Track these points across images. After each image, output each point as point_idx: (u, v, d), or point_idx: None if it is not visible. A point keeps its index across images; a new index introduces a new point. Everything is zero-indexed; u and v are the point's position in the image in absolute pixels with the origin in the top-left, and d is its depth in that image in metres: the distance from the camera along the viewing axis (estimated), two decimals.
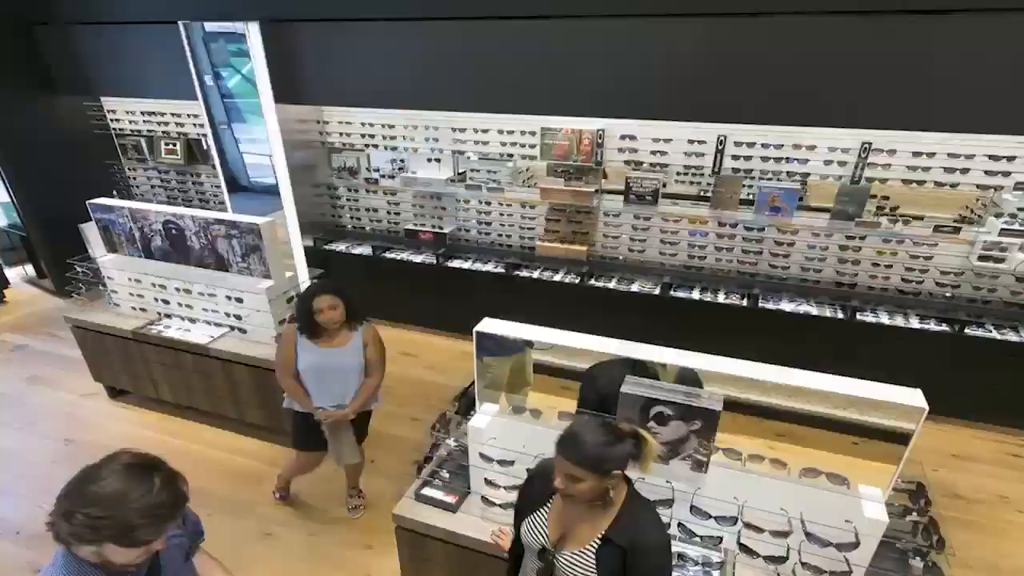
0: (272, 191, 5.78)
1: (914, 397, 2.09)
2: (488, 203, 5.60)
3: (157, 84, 6.08)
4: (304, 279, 4.40)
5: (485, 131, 5.29)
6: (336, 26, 4.99)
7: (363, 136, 5.76)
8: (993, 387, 4.23)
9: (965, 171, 4.14)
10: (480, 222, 5.73)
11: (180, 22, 5.41)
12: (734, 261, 4.96)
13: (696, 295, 4.88)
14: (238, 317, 4.20)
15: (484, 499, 2.62)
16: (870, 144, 4.26)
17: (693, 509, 2.33)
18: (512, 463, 2.55)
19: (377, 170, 5.94)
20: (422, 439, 4.19)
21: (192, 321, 4.41)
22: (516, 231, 5.60)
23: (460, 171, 5.70)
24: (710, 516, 2.32)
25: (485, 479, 2.62)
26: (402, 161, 5.93)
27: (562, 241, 5.32)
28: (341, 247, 6.02)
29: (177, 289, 4.34)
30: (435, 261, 5.60)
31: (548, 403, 2.58)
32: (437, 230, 5.75)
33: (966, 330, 4.27)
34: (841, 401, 2.11)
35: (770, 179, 4.61)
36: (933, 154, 4.17)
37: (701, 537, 2.34)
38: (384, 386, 4.86)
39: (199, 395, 4.44)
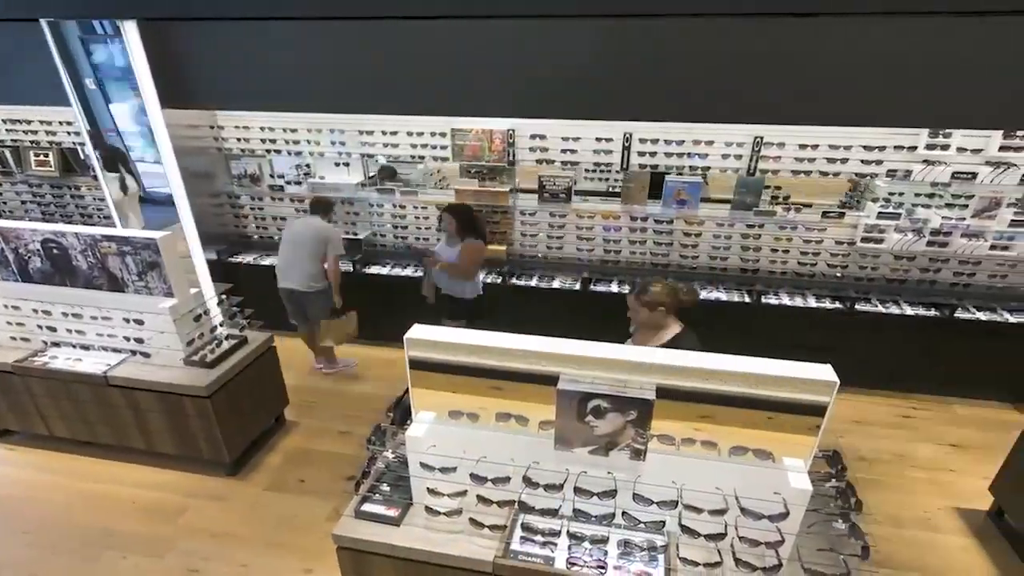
0: (169, 202, 5.37)
1: (826, 372, 2.24)
2: (403, 207, 5.50)
3: (20, 89, 5.49)
4: (211, 295, 4.12)
5: (394, 133, 5.19)
6: (226, 25, 4.70)
7: (263, 141, 5.49)
8: (882, 356, 4.68)
9: (844, 161, 4.54)
10: (396, 226, 5.62)
11: (42, 20, 4.89)
12: (647, 253, 5.17)
13: (615, 288, 5.04)
14: (139, 340, 3.88)
15: (428, 509, 2.57)
16: (762, 138, 4.57)
17: (635, 497, 2.38)
18: (454, 469, 2.52)
19: (282, 176, 5.68)
20: (354, 453, 4.09)
21: (85, 348, 4.02)
22: (433, 234, 5.53)
23: (370, 175, 5.56)
24: (652, 502, 2.38)
25: (428, 488, 2.57)
26: (307, 166, 5.71)
27: None
28: (249, 259, 5.70)
29: (65, 314, 3.94)
30: (351, 268, 5.43)
31: (480, 405, 2.55)
32: (351, 236, 5.57)
33: (856, 306, 4.70)
34: (756, 380, 2.23)
35: (675, 173, 4.83)
36: (816, 146, 4.54)
37: (645, 523, 2.41)
38: (307, 401, 4.74)
39: (100, 428, 4.04)
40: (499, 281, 5.17)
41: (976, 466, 3.95)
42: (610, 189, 5.57)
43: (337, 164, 5.49)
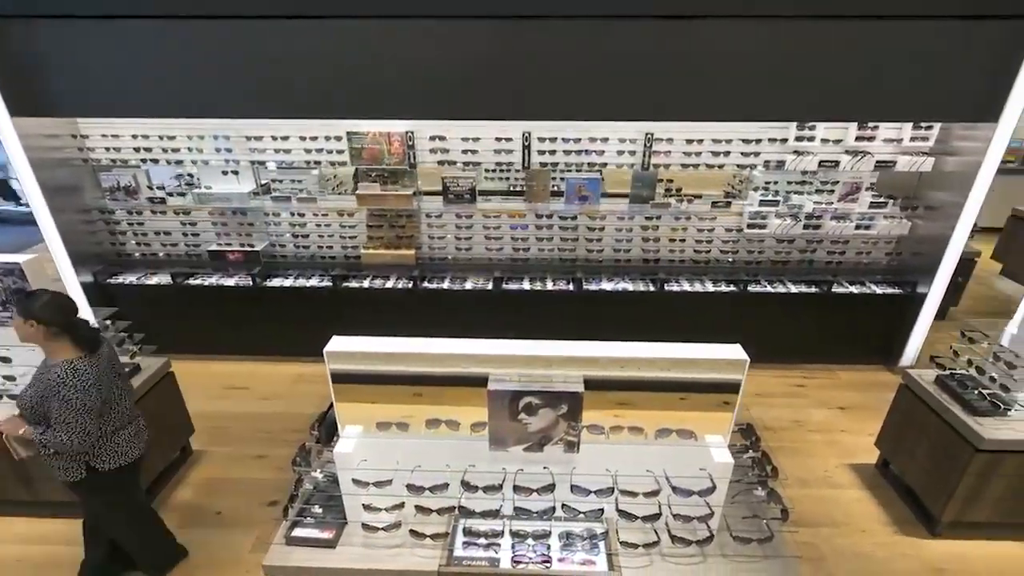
0: (27, 220, 4.79)
1: (736, 351, 2.41)
2: (301, 215, 5.25)
3: None
4: (91, 322, 3.72)
5: (285, 138, 4.95)
6: (83, 24, 4.24)
7: (136, 150, 5.04)
8: (774, 331, 5.07)
9: (727, 154, 4.88)
10: (296, 235, 5.36)
11: None
12: (555, 249, 5.28)
13: (527, 285, 5.11)
14: (10, 378, 3.44)
15: (365, 526, 2.49)
16: (652, 134, 4.81)
17: (573, 488, 2.44)
18: (389, 482, 2.45)
19: (161, 188, 5.24)
20: (274, 477, 3.87)
21: None
22: (337, 241, 5.34)
23: (263, 182, 5.27)
24: (589, 491, 2.45)
25: (363, 505, 2.49)
26: (190, 176, 5.31)
27: (388, 247, 5.20)
28: (131, 279, 5.20)
29: None
30: (251, 282, 5.11)
31: (409, 413, 2.50)
32: (247, 248, 5.25)
33: (748, 287, 5.08)
34: (676, 364, 2.35)
35: (574, 171, 4.98)
36: (702, 140, 4.85)
37: (584, 513, 2.47)
38: (216, 426, 4.43)
39: None
40: (410, 286, 5.08)
41: (862, 424, 4.39)
42: (511, 188, 5.62)
43: (225, 172, 5.15)
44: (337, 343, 2.42)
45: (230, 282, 5.14)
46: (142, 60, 4.34)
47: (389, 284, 5.11)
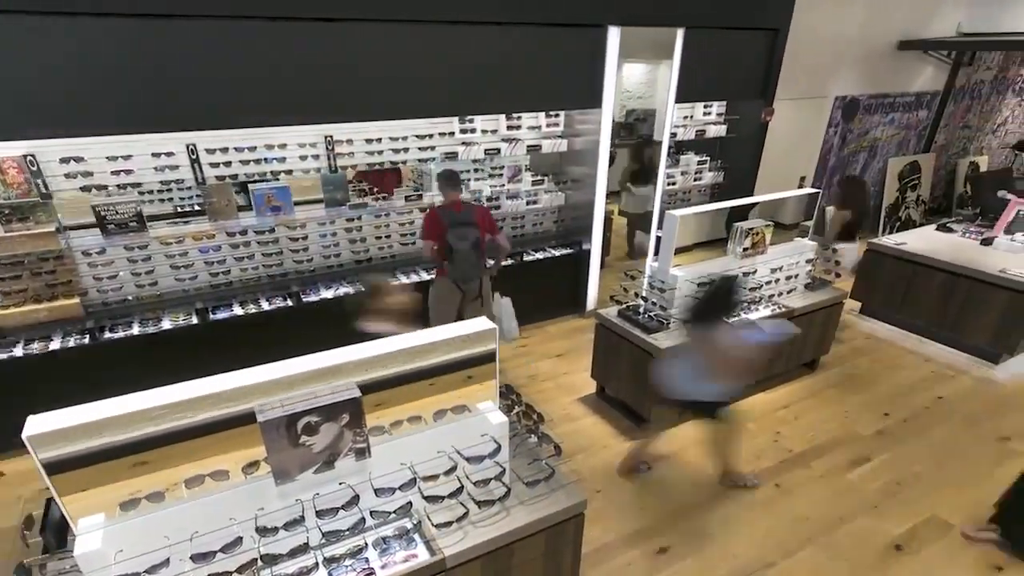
0: None
1: (485, 323, 2.66)
2: None
3: None
4: None
5: None
6: None
7: None
8: (524, 296, 5.48)
9: (406, 150, 5.15)
10: None
11: None
12: (259, 267, 4.87)
13: (239, 310, 4.63)
14: None
15: None
16: (332, 137, 4.79)
17: (377, 492, 2.41)
18: (166, 562, 2.08)
19: None
20: None
21: None
22: None
23: None
24: (394, 489, 2.45)
25: None
26: None
27: (37, 300, 4.07)
28: None
29: None
30: None
31: (162, 480, 2.10)
32: None
33: None
34: (428, 349, 2.43)
35: (258, 180, 4.66)
36: (380, 139, 5.01)
37: (395, 512, 2.45)
38: None
39: None
40: (87, 340, 4.12)
41: (576, 364, 5.20)
42: (177, 209, 4.86)
43: None
44: (37, 423, 1.91)
45: None
46: None
47: (55, 344, 4.04)
